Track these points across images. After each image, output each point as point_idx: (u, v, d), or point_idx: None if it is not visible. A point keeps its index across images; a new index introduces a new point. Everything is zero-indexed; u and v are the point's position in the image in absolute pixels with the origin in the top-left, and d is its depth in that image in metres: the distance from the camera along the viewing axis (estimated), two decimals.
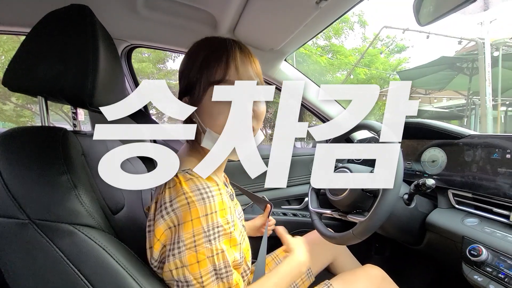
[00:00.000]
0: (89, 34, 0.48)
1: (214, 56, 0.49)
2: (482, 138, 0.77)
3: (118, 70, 0.61)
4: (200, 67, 0.50)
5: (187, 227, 0.44)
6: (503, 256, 0.61)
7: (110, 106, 0.56)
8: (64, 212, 0.39)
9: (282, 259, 0.86)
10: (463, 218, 0.76)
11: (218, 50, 0.50)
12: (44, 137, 0.43)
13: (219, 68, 0.48)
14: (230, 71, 0.48)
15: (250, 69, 0.51)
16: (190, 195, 0.44)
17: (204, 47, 0.52)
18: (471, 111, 8.43)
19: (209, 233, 0.45)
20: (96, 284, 0.39)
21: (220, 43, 0.51)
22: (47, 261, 0.39)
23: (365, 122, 0.86)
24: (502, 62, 5.66)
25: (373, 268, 0.81)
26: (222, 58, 0.49)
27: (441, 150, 0.87)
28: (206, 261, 0.44)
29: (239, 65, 0.49)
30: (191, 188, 0.45)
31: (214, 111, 0.49)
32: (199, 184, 0.46)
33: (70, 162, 0.42)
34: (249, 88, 0.48)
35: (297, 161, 1.36)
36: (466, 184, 0.78)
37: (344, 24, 10.28)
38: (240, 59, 0.50)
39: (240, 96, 0.47)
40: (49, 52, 0.46)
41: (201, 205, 0.44)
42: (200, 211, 0.44)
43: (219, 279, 0.46)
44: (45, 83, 0.46)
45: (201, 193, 0.45)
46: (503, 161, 0.70)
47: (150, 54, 8.78)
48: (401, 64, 11.44)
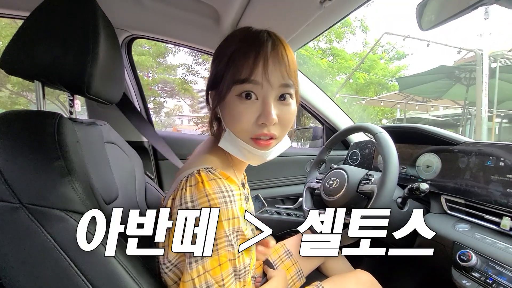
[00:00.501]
0: (90, 20, 0.48)
1: (243, 50, 0.44)
2: (477, 146, 0.78)
3: (117, 59, 0.60)
4: (228, 61, 0.45)
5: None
6: (492, 262, 0.61)
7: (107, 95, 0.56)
8: (57, 198, 0.39)
9: (274, 260, 0.85)
10: (455, 223, 0.76)
11: (248, 44, 0.45)
12: (39, 121, 0.42)
13: (246, 65, 0.43)
14: (257, 70, 0.43)
15: (283, 69, 0.45)
16: (213, 197, 0.42)
17: (237, 38, 0.47)
18: (466, 121, 8.54)
19: (230, 237, 0.43)
20: (87, 271, 0.38)
21: (252, 36, 0.46)
22: (37, 247, 0.38)
23: (362, 124, 0.86)
24: (499, 74, 5.74)
25: (363, 274, 0.81)
26: (251, 54, 0.43)
27: (436, 155, 0.88)
28: (228, 263, 0.43)
29: (268, 64, 0.44)
30: (214, 190, 0.42)
31: (236, 112, 0.45)
32: (222, 187, 0.43)
33: (65, 148, 0.41)
34: (276, 90, 0.45)
35: (293, 161, 1.37)
36: (459, 190, 0.79)
37: (346, 28, 10.34)
38: (271, 57, 0.44)
39: (266, 97, 0.44)
40: (48, 36, 0.46)
41: (223, 209, 0.42)
42: (223, 215, 0.42)
43: (237, 279, 0.45)
44: (43, 67, 0.45)
45: (224, 196, 0.43)
46: (496, 169, 0.71)
47: (151, 47, 8.73)
48: (400, 71, 11.55)
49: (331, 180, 0.86)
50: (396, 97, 9.31)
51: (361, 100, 11.02)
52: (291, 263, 0.85)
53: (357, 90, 11.19)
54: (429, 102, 9.94)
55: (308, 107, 1.34)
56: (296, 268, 0.85)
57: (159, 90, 11.67)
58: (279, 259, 0.86)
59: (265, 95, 0.44)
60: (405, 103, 9.60)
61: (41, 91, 0.50)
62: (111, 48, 0.55)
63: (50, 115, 0.44)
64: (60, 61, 0.46)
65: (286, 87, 0.46)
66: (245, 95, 0.44)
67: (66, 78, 0.47)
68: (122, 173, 0.69)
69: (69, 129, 0.44)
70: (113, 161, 0.66)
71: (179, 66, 10.53)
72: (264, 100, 0.44)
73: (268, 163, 0.86)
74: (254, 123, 0.45)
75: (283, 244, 0.90)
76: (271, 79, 0.44)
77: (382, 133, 0.75)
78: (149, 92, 10.52)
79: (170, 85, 11.32)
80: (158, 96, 11.84)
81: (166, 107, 13.28)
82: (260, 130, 0.45)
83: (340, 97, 9.93)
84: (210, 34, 1.03)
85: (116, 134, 0.73)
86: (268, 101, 0.44)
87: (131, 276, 0.41)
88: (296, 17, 0.81)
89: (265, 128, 0.45)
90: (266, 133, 0.46)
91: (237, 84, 0.44)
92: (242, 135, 0.47)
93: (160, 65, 10.16)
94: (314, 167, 1.03)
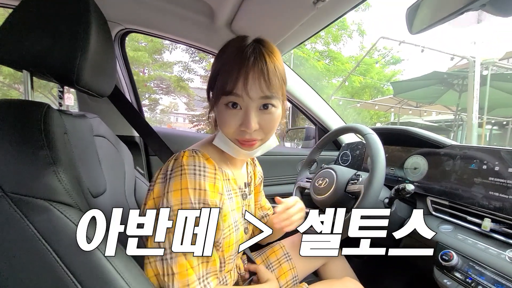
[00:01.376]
0: (82, 12, 0.48)
1: (229, 65, 0.49)
2: (462, 149, 0.80)
3: (109, 52, 0.60)
4: (218, 72, 0.51)
5: (176, 195, 0.47)
6: (472, 262, 0.63)
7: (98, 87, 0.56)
8: (40, 187, 0.39)
9: (272, 261, 0.85)
10: (439, 224, 0.78)
11: (234, 59, 0.49)
12: (25, 111, 0.42)
13: (229, 79, 0.49)
14: (239, 85, 0.48)
15: (262, 83, 0.49)
16: (185, 167, 0.49)
17: (229, 50, 0.52)
18: (458, 127, 8.70)
19: (195, 205, 0.48)
20: (69, 263, 0.38)
21: (239, 50, 0.50)
22: (19, 237, 0.38)
23: (352, 125, 0.88)
24: (490, 81, 5.86)
25: (350, 282, 0.80)
26: (234, 69, 0.48)
27: (423, 158, 0.90)
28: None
29: (248, 79, 0.48)
30: (188, 163, 0.50)
31: (223, 119, 0.52)
32: (196, 162, 0.50)
33: (51, 138, 0.41)
34: (256, 102, 0.50)
35: (285, 160, 1.38)
36: (444, 192, 0.81)
37: (343, 31, 10.42)
38: (251, 72, 0.48)
39: (247, 108, 0.50)
40: (38, 25, 0.45)
41: (191, 178, 0.48)
42: (190, 183, 0.48)
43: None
44: (31, 57, 0.45)
45: (195, 169, 0.50)
46: (479, 172, 0.73)
47: (147, 43, 8.66)
48: (395, 76, 11.69)
49: (320, 180, 0.87)
50: (391, 101, 9.44)
51: (356, 103, 11.13)
52: (289, 267, 0.83)
53: (352, 93, 11.30)
54: (422, 107, 10.10)
55: (301, 108, 1.36)
56: (293, 274, 0.83)
57: (155, 87, 11.57)
58: (277, 262, 0.84)
59: (246, 106, 0.50)
60: (399, 108, 9.73)
61: (29, 81, 0.50)
62: (103, 40, 0.54)
63: (38, 104, 0.44)
64: (49, 52, 0.45)
65: (267, 99, 0.50)
66: (232, 105, 0.50)
67: (56, 68, 0.46)
68: (111, 167, 0.69)
69: (56, 120, 0.44)
70: (102, 154, 0.66)
71: (175, 63, 10.47)
72: (246, 111, 0.50)
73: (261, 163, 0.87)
74: (237, 129, 0.52)
75: (282, 246, 0.89)
76: (250, 93, 0.49)
77: (371, 134, 0.76)
78: (145, 88, 10.43)
79: (166, 82, 11.24)
80: (153, 93, 11.74)
81: (162, 104, 13.19)
82: (243, 135, 0.52)
83: (335, 100, 10.00)
84: (204, 30, 1.03)
85: (106, 127, 0.73)
86: (248, 111, 0.50)
87: (114, 267, 0.41)
88: (289, 16, 0.82)
89: (247, 134, 0.52)
90: (248, 138, 0.53)
91: (224, 95, 0.50)
92: (229, 136, 0.55)
93: (156, 62, 10.08)
94: (305, 166, 1.04)
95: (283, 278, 0.81)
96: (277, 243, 0.91)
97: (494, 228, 0.67)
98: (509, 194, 0.65)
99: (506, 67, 6.99)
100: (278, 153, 1.37)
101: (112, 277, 0.40)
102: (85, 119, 0.63)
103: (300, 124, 7.49)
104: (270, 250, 0.88)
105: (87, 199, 0.48)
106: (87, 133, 0.62)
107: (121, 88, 1.14)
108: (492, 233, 0.67)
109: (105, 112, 0.91)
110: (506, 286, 0.55)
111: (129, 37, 1.14)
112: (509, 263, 0.58)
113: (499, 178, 0.68)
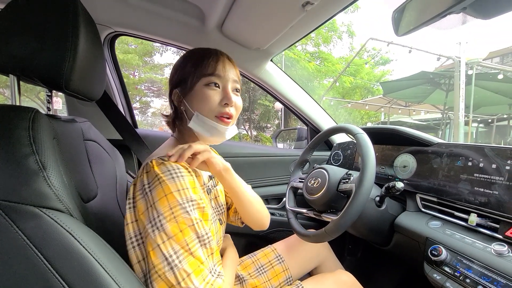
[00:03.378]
0: (70, 15, 0.47)
1: (207, 55, 0.61)
2: (448, 147, 0.82)
3: (99, 55, 0.60)
4: (195, 63, 0.60)
5: (162, 202, 0.48)
6: (460, 256, 0.65)
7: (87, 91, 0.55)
8: (30, 194, 0.38)
9: (264, 264, 0.85)
10: (428, 220, 0.80)
11: (210, 53, 0.62)
12: (12, 116, 0.41)
13: (211, 63, 0.59)
14: (219, 67, 0.60)
15: (233, 71, 0.63)
16: (160, 175, 0.50)
17: (198, 50, 0.63)
18: (446, 125, 8.93)
19: (184, 205, 0.49)
20: (60, 268, 0.37)
21: (211, 50, 0.63)
22: (9, 244, 0.37)
23: (342, 125, 0.89)
24: (475, 80, 6.05)
25: (343, 274, 0.83)
26: (214, 57, 0.61)
27: (412, 156, 0.92)
28: (188, 229, 0.48)
29: (226, 66, 0.61)
30: (162, 170, 0.51)
31: (205, 97, 0.59)
32: (169, 166, 0.52)
33: (39, 144, 0.40)
34: (233, 82, 0.62)
35: (278, 161, 1.38)
36: (432, 189, 0.83)
37: (333, 33, 10.57)
38: (227, 62, 0.62)
39: (226, 86, 0.61)
40: (25, 29, 0.45)
41: (171, 183, 0.50)
42: (172, 187, 0.49)
43: (203, 246, 0.50)
44: (18, 60, 0.44)
45: (171, 173, 0.51)
46: (465, 169, 0.75)
47: (137, 46, 8.56)
48: (385, 76, 11.91)
49: (312, 180, 0.88)
50: (381, 101, 9.62)
51: (347, 103, 11.28)
52: (282, 269, 0.85)
53: (343, 93, 11.45)
54: (411, 107, 10.32)
55: (293, 109, 1.37)
56: (287, 275, 0.84)
57: (146, 89, 11.43)
58: (268, 264, 0.85)
59: (225, 85, 0.61)
60: (388, 107, 9.92)
61: (16, 85, 0.49)
62: (92, 44, 0.54)
63: (25, 109, 0.43)
64: (37, 55, 0.45)
65: (237, 83, 0.64)
66: (213, 84, 0.59)
67: (43, 73, 0.46)
68: (102, 172, 0.68)
69: (44, 125, 0.43)
70: (93, 159, 0.65)
71: (166, 66, 10.38)
72: (225, 89, 0.61)
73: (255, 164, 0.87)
74: (218, 104, 0.60)
75: (274, 249, 0.90)
76: (228, 74, 0.61)
77: (361, 133, 0.78)
78: (135, 91, 10.30)
79: (157, 84, 11.12)
80: (144, 96, 11.60)
81: (153, 107, 13.03)
82: (223, 109, 0.60)
83: (326, 100, 10.12)
84: (195, 33, 1.03)
85: (96, 131, 0.72)
86: (227, 88, 0.61)
87: (107, 272, 0.40)
88: (279, 19, 0.83)
89: (227, 107, 0.60)
90: (227, 111, 0.60)
91: (205, 76, 0.59)
92: (210, 114, 0.60)
93: (146, 64, 9.97)
94: (297, 167, 1.05)
95: (275, 280, 0.82)
96: (269, 246, 0.92)
97: (480, 222, 0.69)
98: (494, 189, 0.68)
99: (490, 67, 7.23)
100: (271, 154, 1.38)
101: (105, 282, 0.39)
102: (75, 124, 0.63)
103: (292, 125, 7.54)
104: (261, 254, 0.89)
105: (78, 205, 0.48)
106: (77, 138, 0.61)
107: (111, 92, 1.12)
108: (478, 228, 0.69)
109: (95, 116, 0.90)
110: (492, 278, 0.57)
111: (118, 40, 1.13)
112: (494, 256, 0.60)
113: (484, 174, 0.71)
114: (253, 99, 10.42)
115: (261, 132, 11.41)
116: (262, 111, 10.99)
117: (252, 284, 0.78)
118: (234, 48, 1.10)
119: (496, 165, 0.69)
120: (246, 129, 11.38)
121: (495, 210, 0.66)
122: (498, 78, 5.94)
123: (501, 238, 0.64)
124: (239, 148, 1.34)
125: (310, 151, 1.03)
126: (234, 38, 1.04)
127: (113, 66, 1.15)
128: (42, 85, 0.51)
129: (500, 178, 0.67)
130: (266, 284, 0.80)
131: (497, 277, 0.56)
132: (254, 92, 10.17)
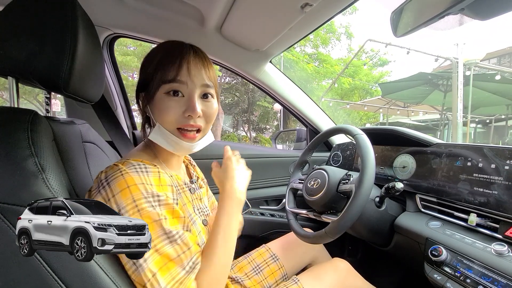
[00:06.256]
0: (69, 17, 0.47)
1: (169, 56, 0.52)
2: (447, 147, 0.83)
3: (98, 57, 0.59)
4: (156, 65, 0.52)
5: (124, 194, 0.44)
6: (460, 256, 0.65)
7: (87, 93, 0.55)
8: (29, 196, 0.38)
9: (259, 263, 0.85)
10: (428, 221, 0.80)
11: (174, 51, 0.53)
12: (11, 118, 0.41)
13: (172, 68, 0.51)
14: (182, 72, 0.51)
15: (203, 72, 0.54)
16: (125, 169, 0.47)
17: (162, 48, 0.55)
18: (444, 126, 8.96)
19: (149, 199, 0.45)
20: (59, 270, 0.37)
21: (176, 46, 0.55)
22: (7, 247, 0.37)
23: (342, 126, 0.89)
24: (473, 81, 6.08)
25: (339, 261, 0.85)
26: (176, 59, 0.52)
27: (411, 156, 0.92)
28: (154, 224, 0.44)
29: (191, 68, 0.52)
30: (127, 166, 0.48)
31: (164, 107, 0.52)
32: (134, 163, 0.49)
33: (38, 146, 0.40)
34: (201, 88, 0.53)
35: (278, 162, 1.38)
36: (431, 189, 0.83)
37: (332, 34, 10.61)
38: (193, 62, 0.53)
39: (191, 94, 0.52)
40: (24, 31, 0.45)
41: (135, 175, 0.46)
42: (136, 179, 0.46)
43: (174, 242, 0.46)
44: (17, 62, 0.44)
45: (135, 168, 0.48)
46: (464, 169, 0.75)
47: (136, 48, 8.55)
48: (383, 77, 11.95)
49: (312, 180, 0.88)
50: (379, 102, 9.64)
51: (345, 105, 11.31)
52: (277, 267, 0.86)
53: (342, 94, 11.48)
54: (409, 107, 10.35)
55: (292, 110, 1.37)
56: (282, 273, 0.85)
57: None
58: (264, 263, 0.86)
59: (190, 93, 0.52)
60: (387, 108, 9.94)
61: (15, 87, 0.49)
62: (91, 45, 0.54)
63: (24, 112, 0.43)
64: (35, 58, 0.45)
65: (207, 87, 0.54)
66: (173, 93, 0.52)
67: (42, 75, 0.46)
68: None
69: (43, 127, 0.43)
70: (92, 161, 0.65)
71: None
72: (190, 97, 0.52)
73: (254, 165, 0.87)
74: (181, 115, 0.52)
75: (268, 248, 0.91)
76: (194, 79, 0.52)
77: (361, 134, 0.78)
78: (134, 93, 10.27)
79: None
80: None
81: None
82: (186, 121, 0.52)
83: (325, 101, 10.14)
84: (194, 35, 1.03)
85: (95, 133, 0.72)
86: (193, 97, 0.52)
87: (108, 275, 0.40)
88: (278, 21, 0.83)
89: (191, 120, 0.53)
90: (192, 124, 0.53)
91: (165, 83, 0.51)
92: (170, 126, 0.53)
93: None
94: (297, 168, 1.05)
95: (271, 278, 0.83)
96: (263, 246, 0.93)
97: (480, 222, 0.69)
98: (493, 189, 0.68)
99: (487, 68, 7.27)
100: (270, 155, 1.38)
101: (104, 284, 0.39)
102: (74, 126, 0.62)
103: (291, 126, 7.55)
104: (256, 253, 0.90)
105: None
106: (76, 140, 0.61)
107: (110, 94, 1.12)
108: (478, 228, 0.69)
109: (94, 118, 0.89)
110: (492, 278, 0.57)
111: (117, 42, 1.14)
112: (494, 256, 0.60)
113: (483, 174, 0.71)
114: (252, 101, 10.43)
115: (260, 134, 11.41)
116: (261, 113, 11.00)
117: (249, 284, 0.78)
118: (233, 49, 1.10)
119: (495, 165, 0.69)
120: (245, 131, 11.38)
121: (495, 210, 0.66)
122: (495, 79, 5.97)
123: (501, 238, 0.64)
124: (238, 149, 1.33)
125: (309, 152, 1.03)
126: (233, 40, 1.05)
127: (112, 68, 1.15)
128: (40, 87, 0.51)
129: (499, 178, 0.67)
130: (263, 283, 0.81)
131: (497, 277, 0.56)
132: (253, 93, 10.18)
